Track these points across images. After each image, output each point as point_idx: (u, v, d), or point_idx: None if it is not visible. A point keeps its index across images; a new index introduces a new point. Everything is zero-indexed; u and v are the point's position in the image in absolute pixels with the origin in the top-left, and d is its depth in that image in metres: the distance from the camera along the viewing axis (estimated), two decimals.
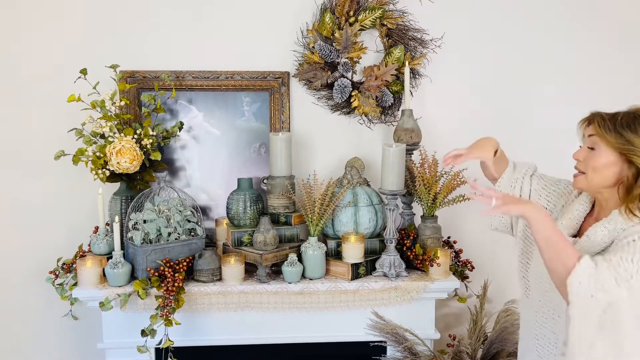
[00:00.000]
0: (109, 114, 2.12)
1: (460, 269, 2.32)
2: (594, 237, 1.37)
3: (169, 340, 1.92)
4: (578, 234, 1.47)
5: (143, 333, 1.90)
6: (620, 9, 2.42)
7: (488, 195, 1.35)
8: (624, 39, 2.44)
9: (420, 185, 2.15)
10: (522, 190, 1.63)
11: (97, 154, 2.10)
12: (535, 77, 2.44)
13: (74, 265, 2.09)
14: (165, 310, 1.89)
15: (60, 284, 2.16)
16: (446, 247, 2.28)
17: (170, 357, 1.93)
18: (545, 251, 1.30)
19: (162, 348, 1.94)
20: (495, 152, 1.63)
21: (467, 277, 2.35)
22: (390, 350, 2.11)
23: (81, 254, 2.17)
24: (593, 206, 1.48)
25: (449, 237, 2.39)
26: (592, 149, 1.39)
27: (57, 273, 2.15)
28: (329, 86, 2.32)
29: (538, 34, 2.42)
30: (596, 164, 1.37)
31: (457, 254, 2.35)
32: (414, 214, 2.32)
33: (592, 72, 2.45)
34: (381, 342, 2.09)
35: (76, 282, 2.05)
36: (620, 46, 2.44)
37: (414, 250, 2.16)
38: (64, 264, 2.16)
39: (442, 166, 1.80)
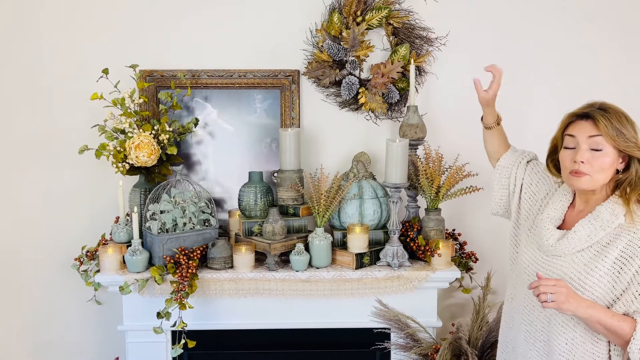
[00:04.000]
0: (129, 110, 2.25)
1: (465, 260, 2.39)
2: (580, 232, 1.43)
3: (183, 322, 2.05)
4: (562, 223, 1.53)
5: (158, 315, 2.04)
6: (624, 4, 2.45)
7: (545, 289, 1.35)
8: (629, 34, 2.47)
9: (423, 178, 2.23)
10: (517, 177, 1.71)
11: (118, 148, 2.23)
12: (540, 73, 2.48)
13: (97, 253, 2.24)
14: (179, 295, 2.02)
15: (85, 271, 2.31)
16: (450, 239, 2.35)
17: (184, 339, 2.05)
18: (602, 334, 1.40)
19: (177, 330, 2.07)
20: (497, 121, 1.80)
21: (471, 269, 2.42)
22: (394, 337, 2.20)
23: (103, 242, 2.32)
24: (574, 196, 1.54)
25: (453, 230, 2.47)
26: (595, 150, 1.40)
27: (81, 260, 2.30)
28: (337, 83, 2.41)
29: (544, 30, 2.46)
30: (604, 165, 1.40)
31: (462, 245, 2.42)
32: (419, 207, 2.39)
33: (597, 69, 2.48)
34: (385, 329, 2.18)
35: (99, 269, 2.20)
36: (624, 41, 2.47)
37: (417, 241, 2.24)
38: (88, 251, 2.31)
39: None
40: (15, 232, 2.52)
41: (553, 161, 1.56)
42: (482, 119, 1.82)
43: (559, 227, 1.52)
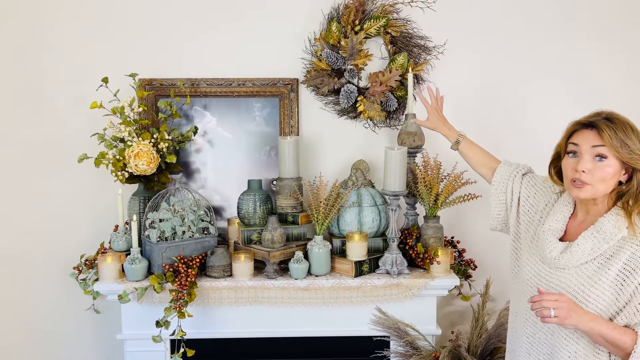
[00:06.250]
0: (128, 119, 2.26)
1: (463, 268, 2.39)
2: (583, 245, 1.43)
3: (182, 331, 2.05)
4: (564, 234, 1.53)
5: (158, 324, 2.03)
6: (620, 9, 2.48)
7: (547, 304, 1.35)
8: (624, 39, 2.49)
9: (421, 186, 2.23)
10: (513, 191, 1.71)
11: (117, 157, 2.24)
12: (537, 81, 2.50)
13: (96, 262, 2.24)
14: (178, 303, 2.02)
15: (84, 279, 2.31)
16: (449, 247, 2.36)
17: (183, 347, 2.05)
18: (604, 346, 1.40)
19: (176, 339, 2.07)
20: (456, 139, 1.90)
21: (470, 276, 2.42)
22: (393, 345, 2.19)
23: (102, 251, 2.32)
24: (574, 206, 1.54)
25: (452, 237, 2.47)
26: (598, 159, 1.40)
27: (80, 269, 2.30)
28: (336, 92, 2.42)
29: (539, 38, 2.48)
30: (605, 175, 1.39)
31: (461, 253, 2.42)
32: (418, 215, 2.40)
33: (594, 74, 2.49)
34: (384, 337, 2.18)
35: (98, 278, 2.20)
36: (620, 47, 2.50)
37: (416, 249, 2.24)
38: (86, 260, 2.31)
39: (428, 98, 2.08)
40: (14, 240, 2.51)
41: (555, 168, 1.55)
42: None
43: (561, 239, 1.52)
